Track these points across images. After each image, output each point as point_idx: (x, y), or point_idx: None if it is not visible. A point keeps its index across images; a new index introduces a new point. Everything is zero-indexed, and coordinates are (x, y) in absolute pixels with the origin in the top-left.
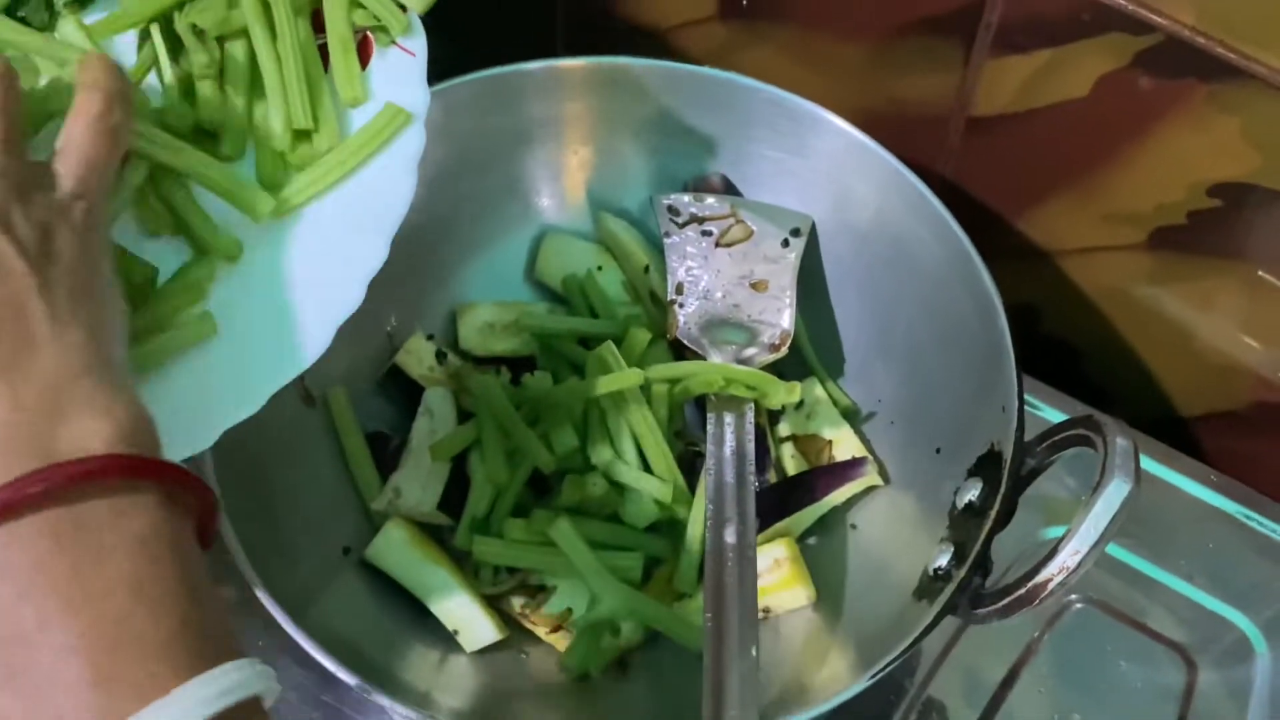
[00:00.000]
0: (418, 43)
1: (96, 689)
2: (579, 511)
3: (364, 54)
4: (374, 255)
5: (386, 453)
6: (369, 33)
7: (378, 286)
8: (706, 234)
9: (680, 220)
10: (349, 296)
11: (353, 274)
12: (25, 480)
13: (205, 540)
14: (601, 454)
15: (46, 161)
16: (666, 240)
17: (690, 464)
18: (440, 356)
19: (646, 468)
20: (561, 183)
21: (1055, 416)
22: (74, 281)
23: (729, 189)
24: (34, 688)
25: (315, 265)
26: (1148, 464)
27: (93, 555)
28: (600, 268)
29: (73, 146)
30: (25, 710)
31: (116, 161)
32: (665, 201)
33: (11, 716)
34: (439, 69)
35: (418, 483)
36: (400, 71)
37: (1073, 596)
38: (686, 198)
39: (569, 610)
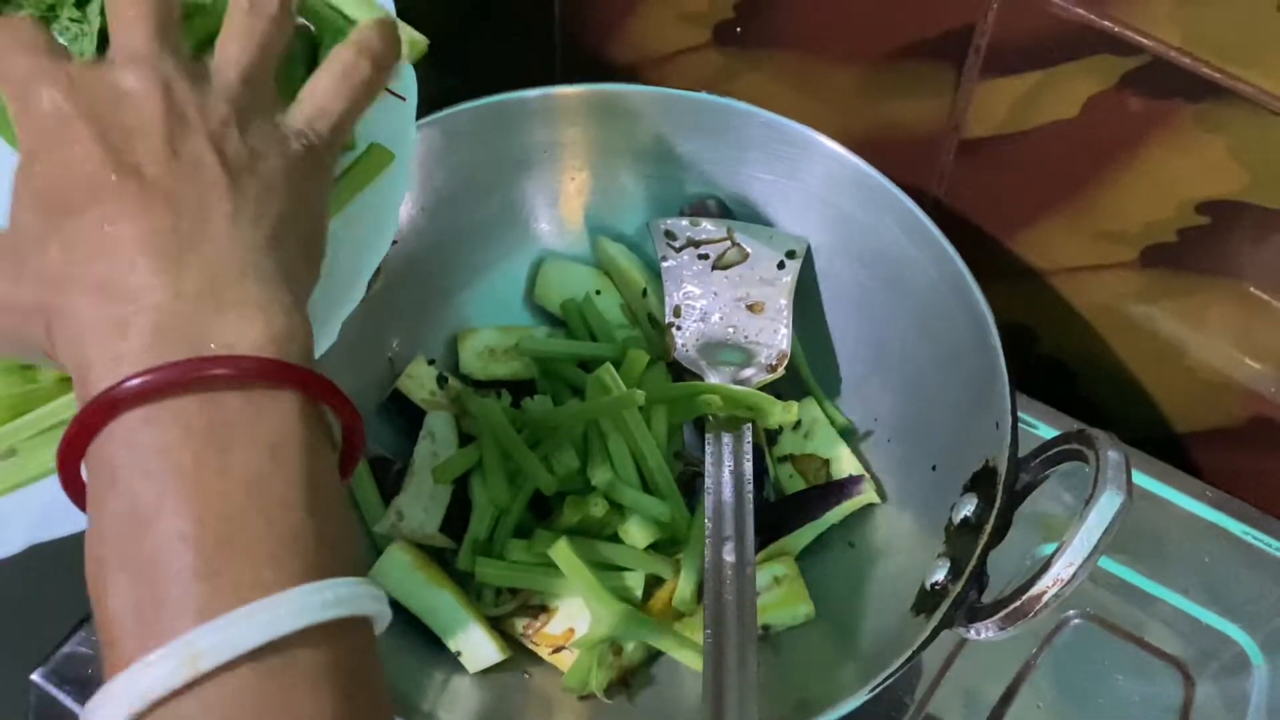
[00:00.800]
0: (408, 88)
1: (201, 580)
2: (580, 532)
3: None
4: (352, 295)
5: (388, 476)
6: None
7: (379, 312)
8: (703, 257)
9: (677, 244)
10: (324, 334)
11: (329, 313)
12: (167, 368)
13: (348, 464)
14: (602, 475)
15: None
16: (664, 264)
17: (690, 484)
18: (441, 381)
19: (646, 488)
20: (560, 208)
21: (1051, 435)
22: (268, 196)
23: (725, 213)
24: (144, 570)
25: None
26: (1144, 480)
27: (217, 448)
28: (599, 291)
29: (315, 99)
30: (132, 589)
31: (354, 122)
32: (662, 226)
33: (118, 595)
34: (440, 98)
35: (420, 505)
36: (391, 115)
37: (1070, 612)
38: (683, 222)
39: (571, 630)
